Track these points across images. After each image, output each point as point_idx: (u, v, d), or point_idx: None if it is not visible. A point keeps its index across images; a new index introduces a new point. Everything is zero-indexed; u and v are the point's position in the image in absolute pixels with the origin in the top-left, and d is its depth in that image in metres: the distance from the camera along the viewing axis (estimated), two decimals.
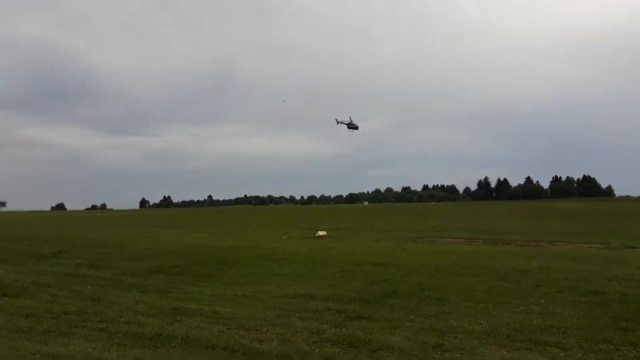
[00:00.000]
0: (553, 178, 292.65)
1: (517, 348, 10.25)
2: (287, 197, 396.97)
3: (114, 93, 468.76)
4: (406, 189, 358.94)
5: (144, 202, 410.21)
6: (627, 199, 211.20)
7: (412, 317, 12.74)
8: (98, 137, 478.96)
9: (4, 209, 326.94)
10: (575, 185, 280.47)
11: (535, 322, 12.24)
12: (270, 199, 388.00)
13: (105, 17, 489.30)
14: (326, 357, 9.70)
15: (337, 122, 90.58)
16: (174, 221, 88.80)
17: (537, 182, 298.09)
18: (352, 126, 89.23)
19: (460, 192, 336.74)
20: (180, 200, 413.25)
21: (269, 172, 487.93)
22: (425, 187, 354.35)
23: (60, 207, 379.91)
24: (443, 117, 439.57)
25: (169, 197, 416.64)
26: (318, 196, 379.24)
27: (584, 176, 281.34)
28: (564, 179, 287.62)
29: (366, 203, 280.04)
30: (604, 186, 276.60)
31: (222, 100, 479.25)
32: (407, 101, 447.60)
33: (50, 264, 23.76)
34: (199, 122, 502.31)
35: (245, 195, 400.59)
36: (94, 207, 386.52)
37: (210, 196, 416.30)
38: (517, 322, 12.10)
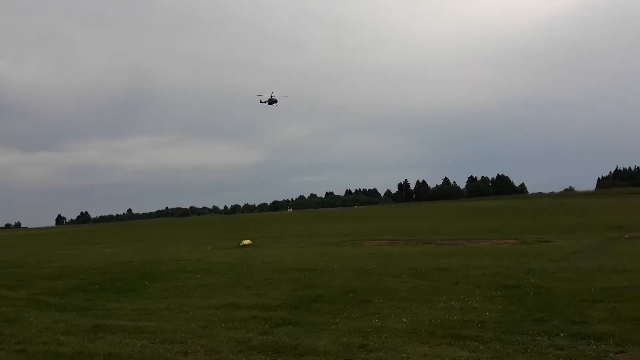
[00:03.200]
0: (469, 178, 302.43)
1: (439, 343, 10.58)
2: (211, 207, 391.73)
3: (24, 108, 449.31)
4: (329, 195, 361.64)
5: (60, 219, 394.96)
6: (540, 195, 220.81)
7: (337, 320, 12.91)
8: (8, 154, 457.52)
9: None
10: (490, 184, 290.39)
11: (455, 317, 12.67)
12: (193, 210, 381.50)
13: (12, 30, 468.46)
14: None
15: (261, 102, 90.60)
16: (92, 237, 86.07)
17: (454, 182, 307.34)
18: (272, 101, 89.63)
19: (382, 195, 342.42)
20: (98, 216, 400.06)
21: (193, 183, 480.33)
22: (348, 192, 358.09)
23: None
24: (365, 123, 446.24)
25: (86, 212, 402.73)
26: (242, 205, 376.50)
27: (498, 175, 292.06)
28: (479, 178, 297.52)
29: (290, 210, 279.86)
30: (517, 184, 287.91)
31: (140, 111, 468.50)
32: (329, 108, 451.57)
33: None
34: (116, 134, 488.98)
35: (167, 208, 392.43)
36: (7, 226, 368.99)
37: (129, 210, 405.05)
38: (438, 319, 12.49)
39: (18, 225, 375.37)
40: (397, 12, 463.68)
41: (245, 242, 41.80)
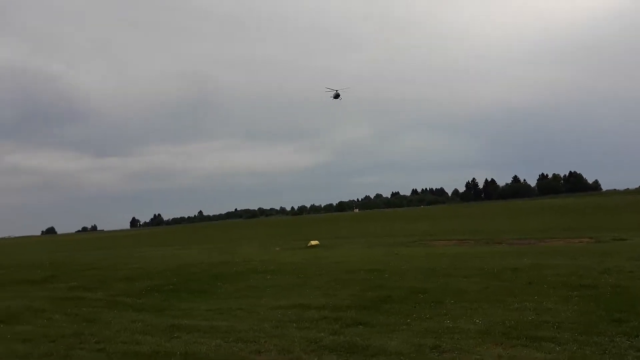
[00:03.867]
0: (540, 176, 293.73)
1: (513, 345, 10.38)
2: (278, 208, 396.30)
3: (96, 115, 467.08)
4: (395, 195, 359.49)
5: (134, 222, 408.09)
6: (614, 192, 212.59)
7: (408, 320, 12.85)
8: (83, 160, 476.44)
9: None
10: (562, 181, 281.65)
11: (529, 318, 12.39)
12: (261, 212, 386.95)
13: (81, 40, 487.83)
14: None
15: (328, 90, 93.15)
16: (165, 239, 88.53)
17: (524, 180, 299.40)
18: (336, 95, 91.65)
19: (449, 194, 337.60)
20: (171, 218, 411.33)
21: (258, 185, 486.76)
22: (415, 192, 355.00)
23: (50, 231, 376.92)
24: (428, 121, 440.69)
25: (159, 215, 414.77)
26: (308, 206, 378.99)
27: (570, 172, 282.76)
28: (550, 176, 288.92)
29: (357, 210, 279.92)
30: (590, 181, 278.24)
31: (206, 115, 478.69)
32: (390, 107, 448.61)
33: (43, 288, 23.65)
34: (184, 139, 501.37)
35: (236, 209, 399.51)
36: (84, 229, 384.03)
37: (200, 212, 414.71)
38: (512, 320, 12.24)
39: (94, 228, 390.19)
40: (458, 9, 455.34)
41: (313, 242, 42.07)
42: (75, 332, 13.68)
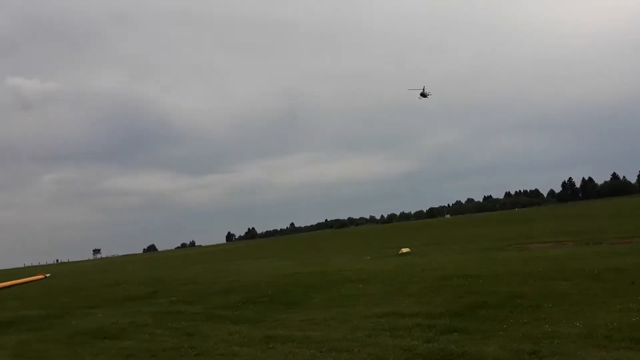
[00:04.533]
0: None
1: (617, 348, 9.91)
2: (367, 217, 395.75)
3: (191, 135, 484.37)
4: (488, 198, 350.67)
5: (230, 236, 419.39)
6: None
7: (504, 326, 12.51)
8: (180, 179, 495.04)
9: (99, 255, 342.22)
10: None
11: (634, 320, 11.77)
12: (351, 221, 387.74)
13: (177, 65, 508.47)
14: None
15: (411, 89, 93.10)
16: (259, 251, 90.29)
17: (624, 177, 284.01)
18: (423, 94, 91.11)
19: (545, 195, 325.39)
20: (264, 231, 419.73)
21: (348, 195, 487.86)
22: (508, 194, 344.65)
23: (151, 248, 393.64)
24: (518, 122, 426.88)
25: (253, 228, 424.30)
26: (398, 214, 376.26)
27: None
28: None
29: (448, 216, 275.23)
30: None
31: (297, 129, 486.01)
32: (478, 109, 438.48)
33: (146, 304, 24.77)
34: (275, 153, 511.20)
35: (326, 220, 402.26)
36: (183, 246, 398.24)
37: (292, 224, 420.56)
38: (615, 322, 11.67)
39: (192, 244, 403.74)
40: (545, 4, 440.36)
41: (404, 250, 41.72)
42: (175, 345, 14.23)
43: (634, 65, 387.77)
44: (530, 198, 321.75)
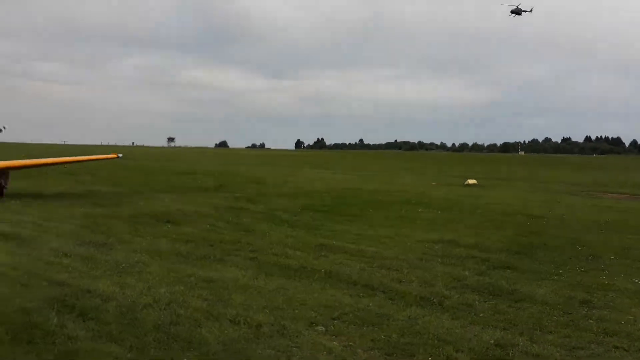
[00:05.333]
0: None
1: None
2: (438, 143, 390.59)
3: (273, 37, 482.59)
4: (566, 140, 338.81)
5: (299, 143, 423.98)
6: None
7: (560, 271, 12.26)
8: (257, 80, 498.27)
9: (172, 144, 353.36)
10: None
11: None
12: (421, 145, 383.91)
13: None
14: (465, 303, 9.65)
15: (511, 13, 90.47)
16: (326, 162, 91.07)
17: None
18: (517, 11, 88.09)
19: (627, 145, 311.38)
20: (332, 143, 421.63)
21: (423, 117, 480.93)
22: (588, 139, 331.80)
23: (223, 144, 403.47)
24: (610, 64, 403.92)
25: (322, 139, 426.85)
26: (470, 144, 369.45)
27: None
28: None
29: (522, 153, 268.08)
30: None
31: (375, 44, 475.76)
32: (576, 45, 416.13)
33: (211, 196, 25.60)
34: (352, 65, 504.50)
35: (396, 140, 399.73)
36: (253, 146, 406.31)
37: (361, 140, 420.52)
38: None
39: (262, 146, 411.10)
40: None
41: (471, 181, 41.12)
42: (233, 239, 14.70)
43: None
44: (612, 146, 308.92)
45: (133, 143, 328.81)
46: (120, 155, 28.48)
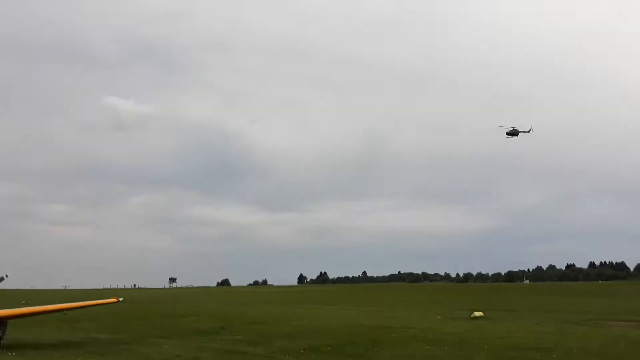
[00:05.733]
0: None
1: None
2: (442, 274, 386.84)
3: (273, 170, 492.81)
4: (570, 267, 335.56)
5: (301, 278, 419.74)
6: None
7: None
8: (259, 214, 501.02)
9: (174, 284, 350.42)
10: None
11: None
12: (425, 276, 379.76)
13: (264, 97, 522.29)
14: None
15: (502, 127, 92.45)
16: (329, 297, 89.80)
17: None
18: (513, 133, 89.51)
19: (631, 269, 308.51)
20: (335, 277, 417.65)
21: (423, 247, 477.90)
22: (592, 265, 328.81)
23: (225, 282, 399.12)
24: (609, 187, 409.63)
25: (325, 273, 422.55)
26: (474, 273, 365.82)
27: None
28: None
29: (527, 282, 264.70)
30: None
31: (375, 174, 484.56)
32: (568, 171, 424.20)
33: (211, 339, 25.06)
34: (352, 197, 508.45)
35: (399, 272, 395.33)
36: (256, 283, 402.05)
37: (364, 272, 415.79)
38: None
39: (265, 282, 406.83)
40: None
41: (477, 313, 40.40)
42: None
43: None
44: (616, 271, 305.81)
45: (135, 285, 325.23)
46: (121, 299, 28.18)
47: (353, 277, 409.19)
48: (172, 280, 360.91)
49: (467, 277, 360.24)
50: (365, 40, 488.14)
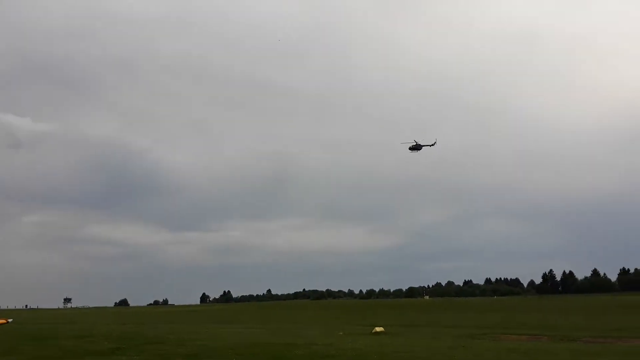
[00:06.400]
0: (621, 270, 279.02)
1: None
2: (346, 291, 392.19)
3: (176, 189, 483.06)
4: (468, 283, 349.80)
5: (204, 297, 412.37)
6: None
7: None
8: (160, 233, 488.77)
9: (70, 305, 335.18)
10: None
11: None
12: (329, 293, 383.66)
13: (171, 118, 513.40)
14: None
15: (409, 149, 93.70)
16: (233, 316, 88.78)
17: (604, 274, 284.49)
18: (417, 147, 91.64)
19: (525, 285, 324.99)
20: (240, 295, 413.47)
21: (328, 265, 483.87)
22: (488, 281, 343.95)
23: (123, 302, 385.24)
24: (505, 208, 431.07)
25: (228, 291, 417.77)
26: (377, 290, 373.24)
27: None
28: (632, 271, 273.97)
29: (427, 297, 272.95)
30: None
31: (281, 194, 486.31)
32: (466, 192, 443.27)
33: None
34: (258, 215, 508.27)
35: (304, 290, 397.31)
36: (156, 303, 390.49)
37: (269, 290, 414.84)
38: None
39: (165, 302, 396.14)
40: (538, 98, 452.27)
41: (378, 329, 41.21)
42: None
43: (619, 162, 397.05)
44: (511, 287, 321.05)
45: (26, 306, 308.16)
46: (10, 320, 26.72)
47: (257, 295, 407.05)
48: (67, 300, 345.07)
49: (370, 293, 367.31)
50: (273, 64, 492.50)
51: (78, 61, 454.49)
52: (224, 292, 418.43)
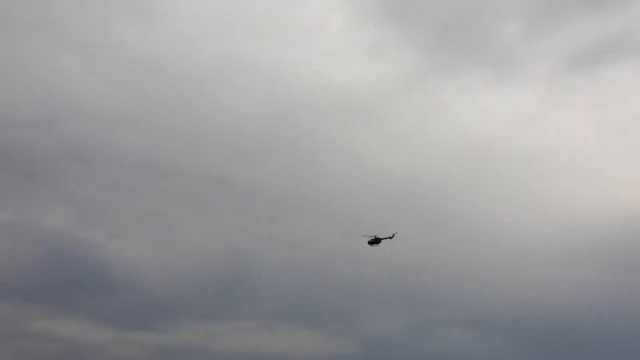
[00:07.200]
0: None
1: None
2: None
3: (128, 287, 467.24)
4: None
5: None
6: None
7: None
8: (108, 332, 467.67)
9: None
10: None
11: None
12: None
13: (126, 212, 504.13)
14: None
15: (364, 237, 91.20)
16: None
17: None
18: (375, 240, 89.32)
19: None
20: None
21: None
22: None
23: None
24: (462, 317, 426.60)
25: None
26: None
27: None
28: None
29: None
30: None
31: (237, 294, 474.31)
32: (425, 300, 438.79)
33: None
34: (211, 317, 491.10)
35: None
36: None
37: None
38: None
39: None
40: (490, 210, 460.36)
41: None
42: None
43: (583, 273, 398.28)
44: None
45: None
46: None
47: None
48: None
49: None
50: (235, 162, 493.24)
51: (39, 151, 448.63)
52: None
